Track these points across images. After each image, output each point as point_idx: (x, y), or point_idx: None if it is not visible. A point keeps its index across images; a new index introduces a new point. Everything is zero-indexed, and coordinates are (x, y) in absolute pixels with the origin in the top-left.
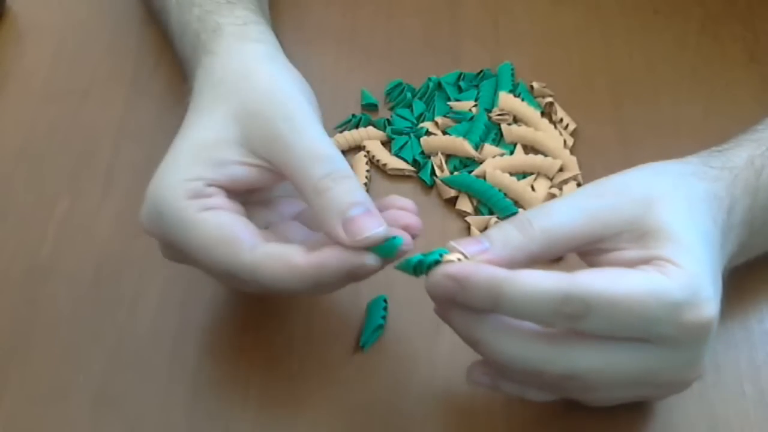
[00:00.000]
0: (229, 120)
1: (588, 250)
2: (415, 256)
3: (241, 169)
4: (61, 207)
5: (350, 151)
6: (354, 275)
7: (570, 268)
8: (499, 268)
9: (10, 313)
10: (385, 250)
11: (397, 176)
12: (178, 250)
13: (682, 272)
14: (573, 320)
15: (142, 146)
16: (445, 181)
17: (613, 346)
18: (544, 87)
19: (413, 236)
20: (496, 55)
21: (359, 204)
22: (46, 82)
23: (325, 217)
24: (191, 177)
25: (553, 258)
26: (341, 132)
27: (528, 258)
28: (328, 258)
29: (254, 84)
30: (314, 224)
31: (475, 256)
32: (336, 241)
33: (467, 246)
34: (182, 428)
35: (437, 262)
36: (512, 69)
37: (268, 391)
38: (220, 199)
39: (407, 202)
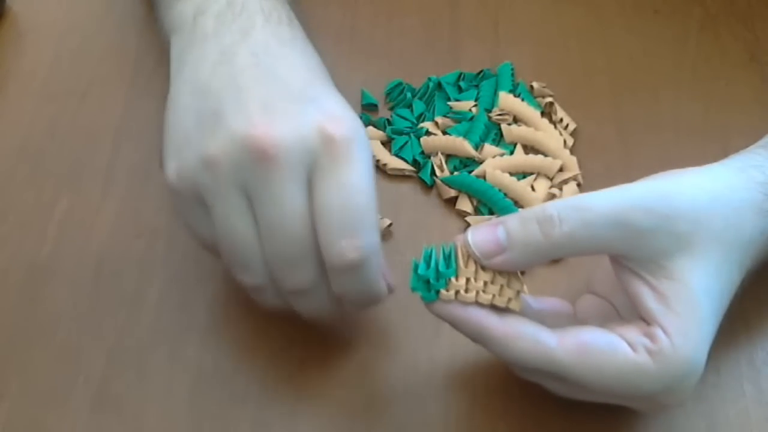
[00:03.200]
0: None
1: (612, 257)
2: (420, 268)
3: None
4: (61, 207)
5: None
6: None
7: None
8: (487, 318)
9: (10, 313)
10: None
11: (397, 176)
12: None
13: (673, 357)
14: (551, 380)
15: (142, 146)
16: (445, 181)
17: (587, 392)
18: (544, 87)
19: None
20: (496, 55)
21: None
22: (46, 82)
23: None
24: None
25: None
26: None
27: (543, 261)
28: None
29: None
30: None
31: (489, 258)
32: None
33: (483, 236)
34: (182, 428)
35: (432, 297)
36: (512, 69)
37: (268, 390)
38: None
39: None
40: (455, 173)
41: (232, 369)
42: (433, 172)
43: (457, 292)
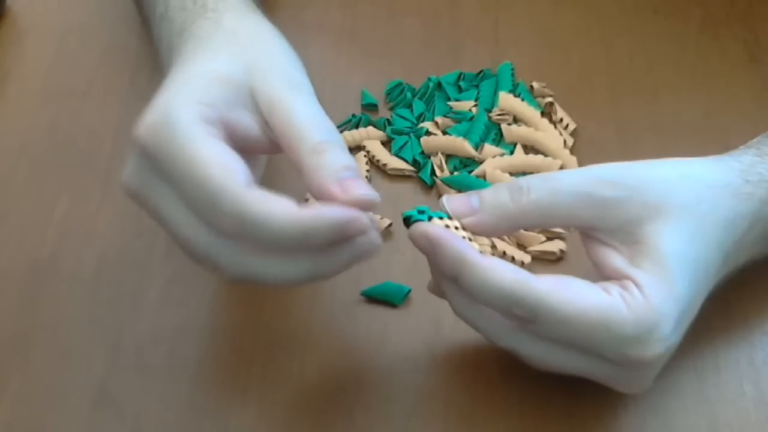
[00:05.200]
0: (240, 65)
1: (581, 230)
2: (413, 210)
3: (248, 118)
4: (61, 207)
5: (350, 151)
6: (344, 233)
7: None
8: (469, 247)
9: (11, 312)
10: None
11: (397, 176)
12: (164, 166)
13: (644, 305)
14: (521, 321)
15: None
16: (445, 181)
17: (558, 347)
18: (544, 87)
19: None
20: (496, 55)
21: (354, 169)
22: (46, 82)
23: (319, 174)
24: (207, 102)
25: (539, 229)
26: (341, 132)
27: (512, 228)
28: (325, 210)
29: (267, 45)
30: None
31: (460, 217)
32: (326, 197)
33: (458, 201)
34: (182, 428)
35: (424, 218)
36: (512, 69)
37: (268, 391)
38: (224, 135)
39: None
40: (455, 173)
41: (232, 369)
42: (433, 172)
43: (447, 227)
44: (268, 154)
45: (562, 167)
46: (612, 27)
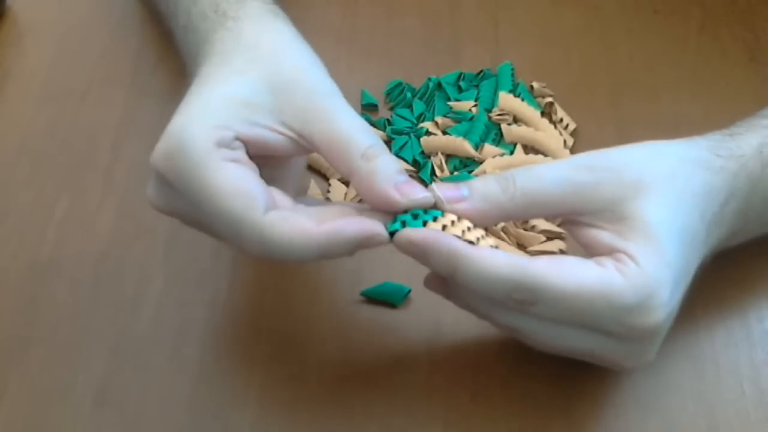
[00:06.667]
0: (262, 86)
1: (567, 219)
2: (406, 215)
3: (271, 134)
4: (61, 207)
5: None
6: (364, 246)
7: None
8: (460, 242)
9: (10, 312)
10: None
11: None
12: (184, 195)
13: (640, 273)
14: (522, 305)
15: (142, 146)
16: (445, 181)
17: (561, 326)
18: (544, 87)
19: None
20: (496, 55)
21: (404, 171)
22: (46, 82)
23: (376, 179)
24: (222, 125)
25: (527, 218)
26: None
27: (503, 216)
28: (343, 226)
29: (291, 55)
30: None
31: (452, 203)
32: (386, 202)
33: (448, 187)
34: (182, 428)
35: (419, 224)
36: (512, 69)
37: (268, 391)
38: (243, 156)
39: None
40: (455, 173)
41: (232, 369)
42: (433, 172)
43: (444, 227)
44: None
45: None
46: (612, 27)
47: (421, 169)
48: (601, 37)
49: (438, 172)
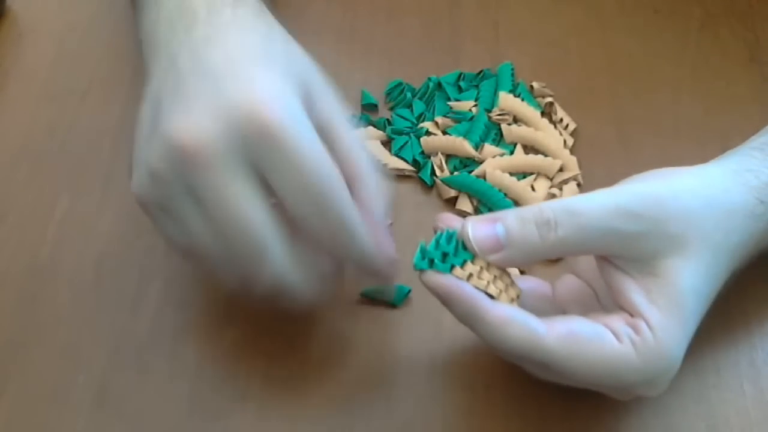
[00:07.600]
0: (288, 76)
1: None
2: (436, 251)
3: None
4: (61, 207)
5: None
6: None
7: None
8: (482, 300)
9: (10, 313)
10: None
11: (397, 176)
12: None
13: (655, 351)
14: (535, 367)
15: None
16: (445, 181)
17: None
18: (544, 87)
19: None
20: (496, 55)
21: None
22: (46, 82)
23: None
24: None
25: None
26: None
27: (536, 260)
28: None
29: (299, 54)
30: None
31: (487, 252)
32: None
33: (483, 233)
34: (182, 428)
35: (446, 269)
36: (512, 69)
37: (268, 391)
38: None
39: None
40: (455, 173)
41: (232, 369)
42: (433, 172)
43: (470, 275)
44: None
45: (562, 167)
46: (612, 27)
47: (421, 169)
48: (601, 37)
49: (438, 172)
